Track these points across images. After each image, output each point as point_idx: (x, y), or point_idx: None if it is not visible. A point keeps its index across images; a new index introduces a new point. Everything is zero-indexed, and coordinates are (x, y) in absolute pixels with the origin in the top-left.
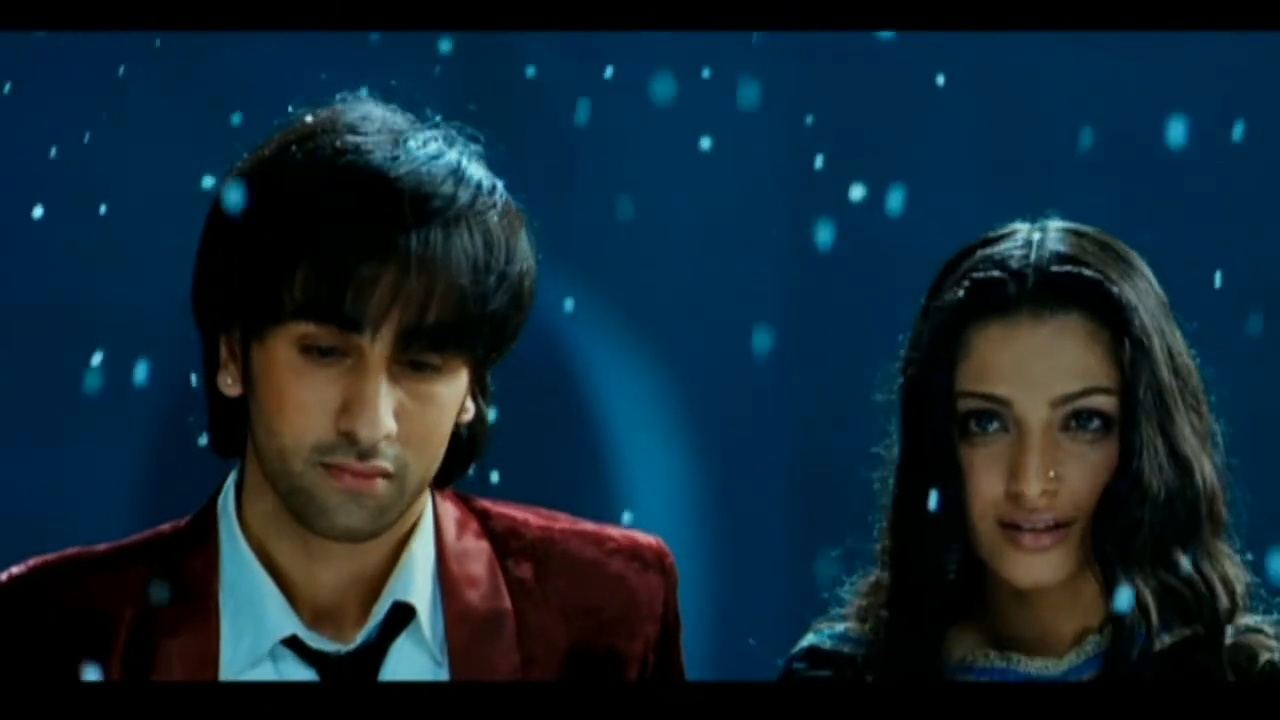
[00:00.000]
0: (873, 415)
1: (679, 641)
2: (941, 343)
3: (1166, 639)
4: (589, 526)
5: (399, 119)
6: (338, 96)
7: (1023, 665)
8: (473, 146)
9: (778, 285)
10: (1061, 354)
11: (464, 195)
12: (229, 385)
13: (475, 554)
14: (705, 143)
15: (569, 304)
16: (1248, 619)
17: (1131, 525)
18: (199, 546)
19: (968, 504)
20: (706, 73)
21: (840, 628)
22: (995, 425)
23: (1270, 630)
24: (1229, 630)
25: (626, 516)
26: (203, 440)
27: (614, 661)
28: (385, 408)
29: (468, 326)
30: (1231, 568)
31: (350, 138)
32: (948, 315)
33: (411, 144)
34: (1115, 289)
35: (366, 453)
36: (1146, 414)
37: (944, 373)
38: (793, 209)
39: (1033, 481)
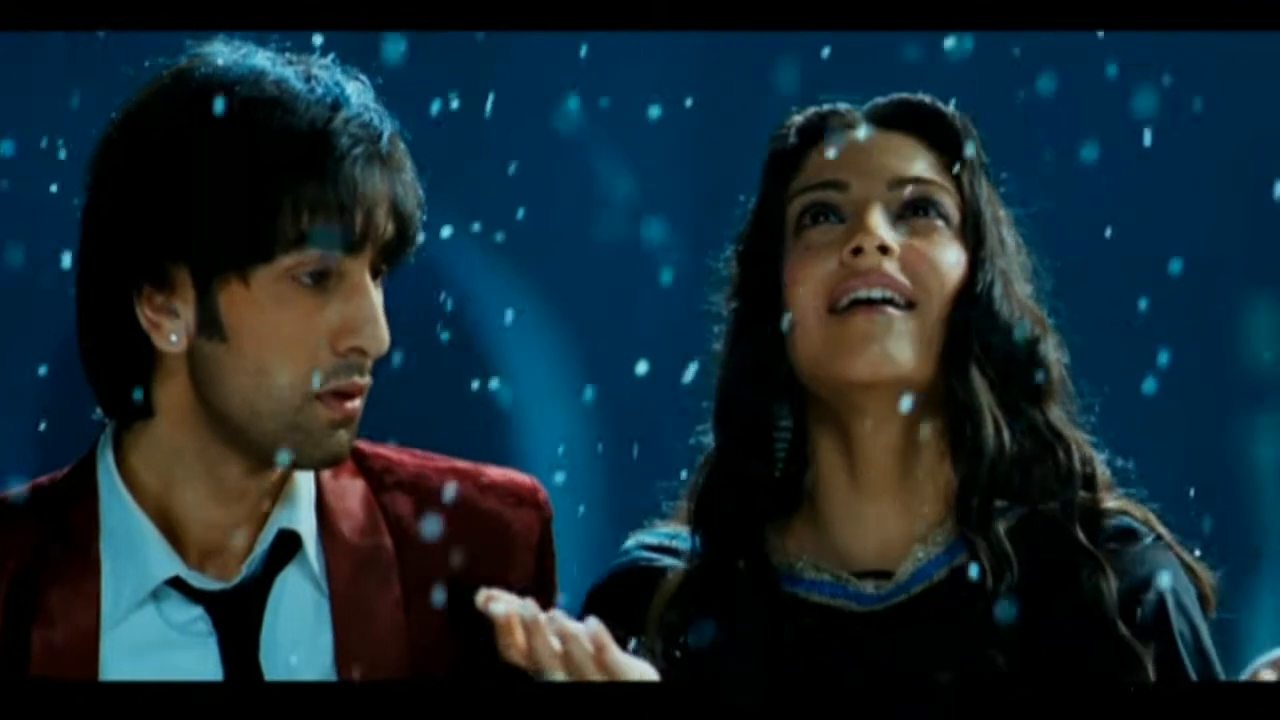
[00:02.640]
0: None
1: (554, 576)
2: (778, 165)
3: (1021, 509)
4: (465, 465)
5: (275, 54)
6: (187, 44)
7: (853, 585)
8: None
9: (682, 246)
10: (902, 152)
11: (385, 112)
12: (173, 343)
13: (352, 491)
14: (616, 107)
15: (470, 260)
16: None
17: (983, 328)
18: (79, 497)
19: (796, 304)
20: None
21: (664, 529)
22: (831, 219)
23: (1130, 500)
24: (1081, 494)
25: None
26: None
27: None
28: (383, 319)
29: (417, 229)
30: (1084, 442)
31: (275, 74)
32: (784, 143)
33: (324, 74)
34: (949, 113)
35: (364, 368)
36: (988, 230)
37: (779, 187)
38: (704, 175)
39: (869, 234)
